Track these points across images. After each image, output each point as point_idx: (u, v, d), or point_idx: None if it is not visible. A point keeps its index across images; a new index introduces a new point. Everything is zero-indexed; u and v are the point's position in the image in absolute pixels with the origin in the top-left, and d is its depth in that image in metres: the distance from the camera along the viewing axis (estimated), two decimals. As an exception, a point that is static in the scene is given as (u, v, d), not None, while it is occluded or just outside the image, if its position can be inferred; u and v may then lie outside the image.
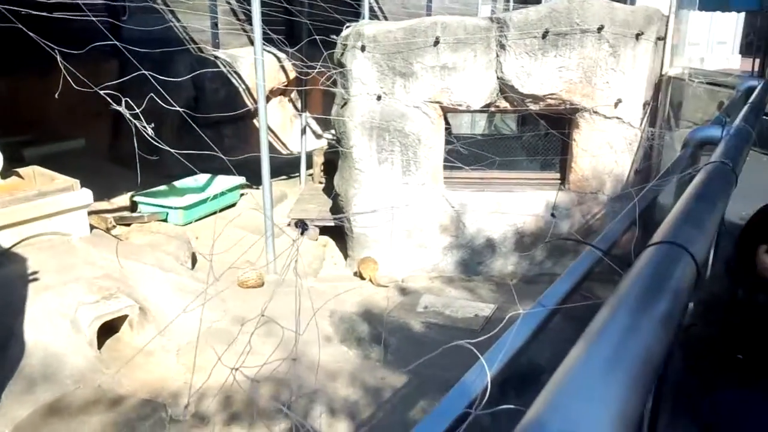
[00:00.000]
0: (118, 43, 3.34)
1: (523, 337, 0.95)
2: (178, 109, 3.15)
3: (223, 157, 3.18)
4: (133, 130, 2.78)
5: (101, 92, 2.70)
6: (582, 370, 0.69)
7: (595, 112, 5.49)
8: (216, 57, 8.93)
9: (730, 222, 6.96)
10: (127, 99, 2.73)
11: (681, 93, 5.45)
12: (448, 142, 5.83)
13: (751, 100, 3.28)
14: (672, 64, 5.83)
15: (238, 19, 10.03)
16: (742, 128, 2.33)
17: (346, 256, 6.21)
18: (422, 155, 5.68)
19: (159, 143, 2.84)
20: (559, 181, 5.98)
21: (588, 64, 5.36)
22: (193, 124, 3.81)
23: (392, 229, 5.78)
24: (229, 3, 9.85)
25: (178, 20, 8.61)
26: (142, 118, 2.73)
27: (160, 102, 3.39)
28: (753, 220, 2.40)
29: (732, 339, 2.10)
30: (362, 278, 5.65)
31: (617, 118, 5.48)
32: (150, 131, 2.75)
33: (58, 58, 2.86)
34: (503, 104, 5.65)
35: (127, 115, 2.68)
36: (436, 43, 5.39)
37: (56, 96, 3.20)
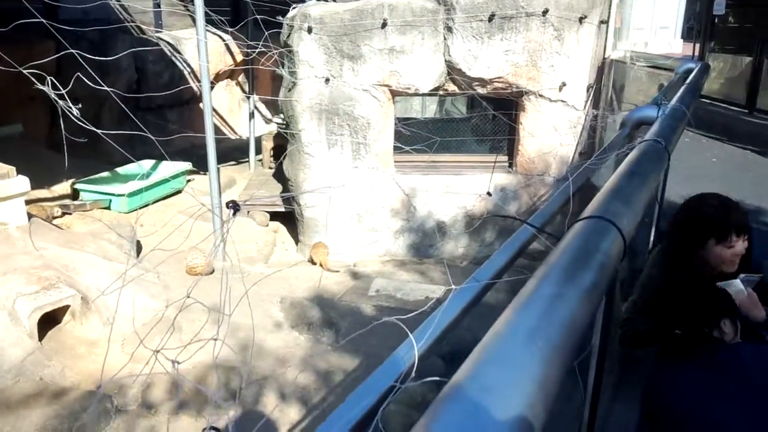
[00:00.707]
0: (46, 21, 3.18)
1: (455, 311, 0.96)
2: (107, 89, 3.02)
3: (154, 138, 3.05)
4: (60, 111, 2.67)
5: (26, 72, 2.58)
6: (504, 338, 0.70)
7: (541, 96, 5.58)
8: (159, 39, 8.67)
9: (674, 202, 7.19)
10: (51, 78, 2.62)
11: (623, 76, 5.60)
12: (398, 126, 5.83)
13: (687, 81, 3.39)
14: (615, 48, 5.97)
15: (181, 0, 9.75)
16: (677, 109, 2.41)
17: (297, 241, 6.17)
18: (372, 139, 5.67)
19: (86, 125, 2.74)
20: (507, 164, 6.07)
21: (533, 47, 5.43)
22: (126, 109, 3.66)
23: (342, 212, 5.77)
24: (171, -17, 9.56)
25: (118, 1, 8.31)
26: (67, 98, 2.62)
27: (92, 84, 3.26)
28: (693, 212, 2.38)
29: (670, 316, 2.17)
30: (314, 263, 5.62)
31: (562, 101, 5.58)
32: (76, 112, 2.64)
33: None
34: (451, 87, 5.68)
35: (53, 96, 2.57)
36: (384, 25, 5.37)
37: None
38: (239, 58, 9.37)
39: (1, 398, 3.52)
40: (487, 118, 6.22)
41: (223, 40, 8.84)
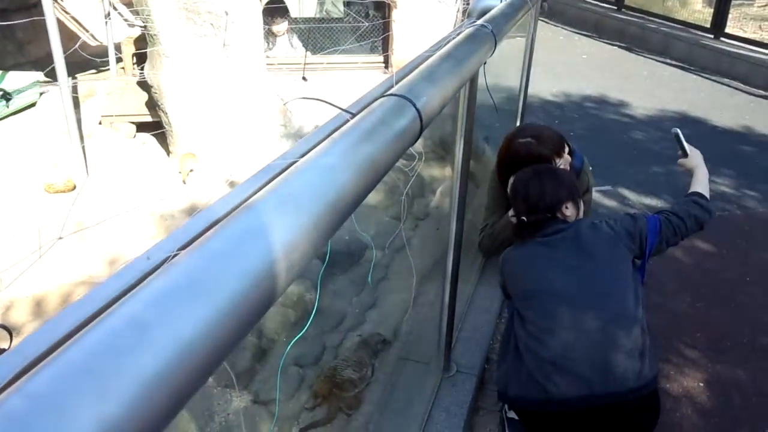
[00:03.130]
0: None
1: (255, 185, 0.97)
2: None
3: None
4: None
5: None
6: (258, 204, 0.71)
7: (411, -9, 5.49)
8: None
9: (540, 97, 7.49)
10: None
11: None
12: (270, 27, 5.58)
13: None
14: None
15: None
16: (518, -4, 2.45)
17: (168, 153, 5.91)
18: (239, 39, 5.39)
19: None
20: (383, 64, 6.02)
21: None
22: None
23: (213, 120, 5.55)
24: None
25: None
26: None
27: None
28: (513, 153, 2.73)
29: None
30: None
31: (433, -4, 5.54)
32: None
33: None
34: (320, -17, 5.45)
35: None
36: None
37: None
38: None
39: None
40: (363, 17, 6.07)
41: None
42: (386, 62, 5.96)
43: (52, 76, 6.45)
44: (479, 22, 1.80)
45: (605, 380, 1.85)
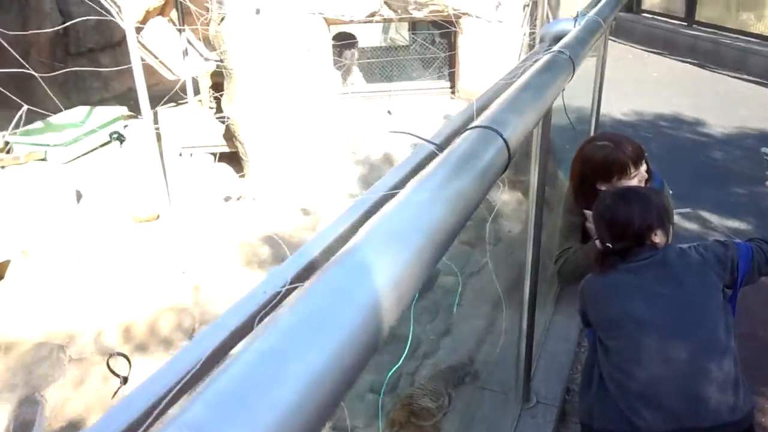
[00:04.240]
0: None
1: (347, 222, 1.01)
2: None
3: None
4: None
5: None
6: (365, 240, 0.74)
7: (477, 17, 5.53)
8: (81, -22, 8.18)
9: (611, 117, 7.34)
10: None
11: (557, -8, 5.56)
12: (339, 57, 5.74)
13: (610, -7, 3.40)
14: (548, -37, 5.90)
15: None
16: (593, 20, 2.43)
17: (244, 180, 6.12)
18: (311, 69, 5.57)
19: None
20: (450, 89, 6.07)
21: (468, -34, 5.35)
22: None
23: (287, 148, 5.72)
24: None
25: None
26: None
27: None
28: (589, 160, 2.58)
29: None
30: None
31: (498, 21, 5.55)
32: None
33: None
34: (387, 13, 5.57)
35: None
36: (313, -50, 5.19)
37: None
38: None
39: (-51, 357, 3.51)
40: (428, 43, 6.16)
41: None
42: (453, 88, 6.00)
43: (134, 109, 6.86)
44: (556, 48, 1.81)
45: (696, 414, 1.77)
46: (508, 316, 3.22)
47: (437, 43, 6.13)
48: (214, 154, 6.34)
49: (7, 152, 5.83)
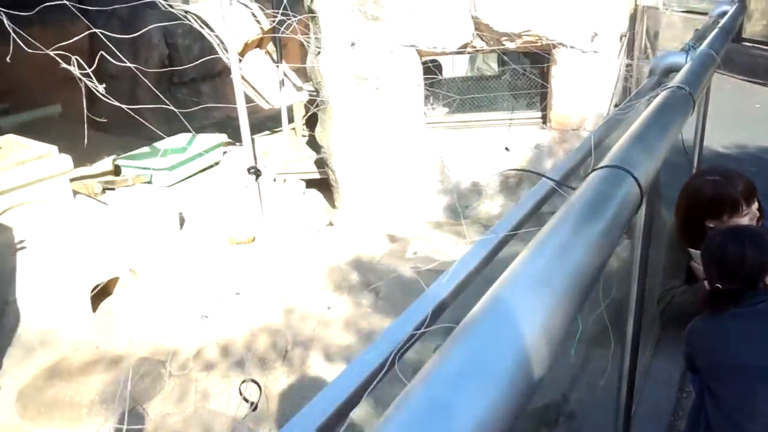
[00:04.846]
0: (69, 3, 3.27)
1: (472, 263, 1.00)
2: (128, 64, 3.10)
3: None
4: (83, 89, 2.77)
5: (52, 54, 2.67)
6: (510, 286, 0.74)
7: (572, 47, 5.45)
8: (186, 12, 8.72)
9: (712, 150, 7.02)
10: (77, 57, 2.70)
11: (657, 22, 5.42)
12: (429, 86, 5.81)
13: (720, 24, 3.28)
14: (648, -7, 5.77)
15: (208, -28, 9.75)
16: (706, 53, 2.35)
17: (333, 206, 6.26)
18: (402, 101, 5.65)
19: (110, 100, 2.83)
20: (541, 120, 5.99)
21: (563, -4, 5.30)
22: (152, 86, 3.75)
23: (376, 176, 5.81)
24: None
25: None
26: (93, 77, 2.70)
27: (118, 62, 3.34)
28: (698, 194, 2.42)
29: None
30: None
31: (594, 51, 5.45)
32: (102, 90, 2.73)
33: (6, 22, 2.79)
34: (479, 44, 5.60)
35: (77, 74, 2.66)
36: (408, -16, 5.31)
37: (8, 60, 3.13)
38: (267, 26, 9.36)
39: (62, 367, 3.75)
40: (519, 73, 6.13)
41: (250, 9, 8.84)
42: (545, 118, 5.92)
43: (231, 137, 7.18)
44: (674, 83, 1.75)
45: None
46: (608, 356, 3.10)
47: (528, 72, 6.08)
48: (306, 181, 6.53)
49: (116, 175, 6.24)
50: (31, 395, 3.57)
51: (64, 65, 2.67)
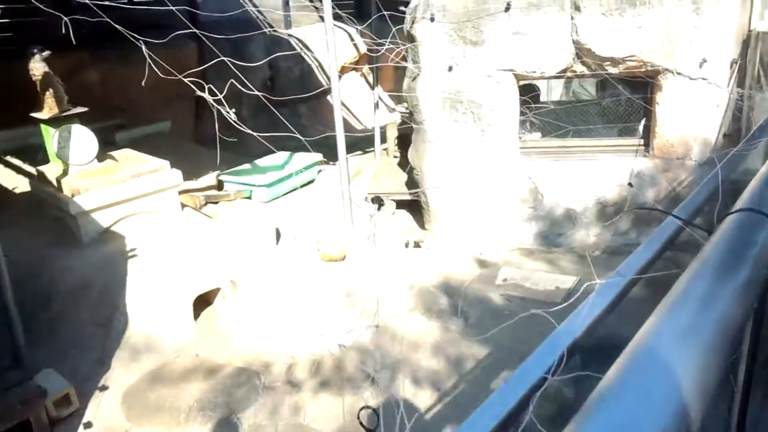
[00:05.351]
0: (199, 32, 3.50)
1: (600, 306, 0.98)
2: (258, 92, 3.29)
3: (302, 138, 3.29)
4: (215, 114, 2.94)
5: (186, 80, 2.86)
6: (658, 338, 0.72)
7: (678, 74, 5.24)
8: (289, 36, 9.11)
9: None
10: (211, 86, 2.89)
11: (774, 48, 5.12)
12: (523, 111, 5.75)
13: None
14: (763, 18, 5.46)
15: (309, -3, 10.18)
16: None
17: (423, 228, 6.28)
18: (496, 125, 5.62)
19: (242, 127, 3.00)
20: (642, 147, 5.77)
21: (669, 22, 5.11)
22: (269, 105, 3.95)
23: (467, 199, 5.79)
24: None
25: (252, 3, 8.84)
26: (225, 103, 2.88)
27: (239, 86, 3.55)
28: None
29: None
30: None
31: (702, 78, 5.21)
32: (233, 116, 2.90)
33: (144, 49, 3.03)
34: (580, 69, 5.49)
35: (211, 101, 2.83)
36: (507, 8, 5.29)
37: (142, 82, 3.39)
38: (363, 50, 9.62)
39: (164, 372, 3.95)
40: (619, 100, 5.95)
41: (348, 34, 9.11)
42: (647, 146, 5.70)
43: (326, 156, 7.38)
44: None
45: None
46: (713, 405, 2.92)
47: (631, 98, 5.89)
48: (397, 201, 6.60)
49: (219, 189, 6.56)
50: (135, 397, 3.78)
51: (199, 93, 2.86)
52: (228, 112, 2.94)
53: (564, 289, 4.81)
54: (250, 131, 3.16)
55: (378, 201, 4.80)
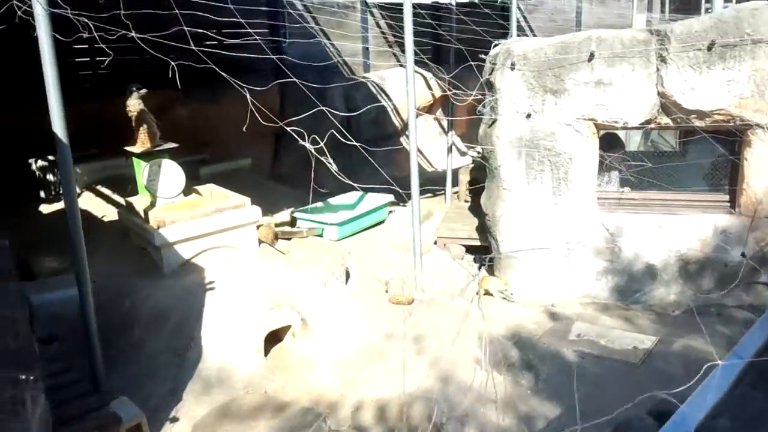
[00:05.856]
0: (291, 75, 3.66)
1: (721, 390, 0.93)
2: (357, 143, 3.43)
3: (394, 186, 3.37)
4: (313, 162, 3.03)
5: (284, 125, 2.97)
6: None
7: (770, 129, 5.03)
8: (365, 78, 9.33)
9: None
10: (315, 136, 2.99)
11: None
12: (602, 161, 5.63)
13: None
14: None
15: (387, 41, 10.43)
16: None
17: (492, 275, 6.19)
18: (574, 174, 5.52)
19: (341, 177, 3.08)
20: (728, 204, 5.53)
21: (761, 76, 4.94)
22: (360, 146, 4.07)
23: (541, 250, 5.68)
24: (379, 27, 10.27)
25: (333, 46, 9.15)
26: (326, 152, 2.98)
27: (336, 133, 3.66)
28: None
29: None
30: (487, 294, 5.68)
31: (796, 134, 4.98)
32: (335, 168, 2.99)
33: (247, 96, 3.17)
34: (664, 120, 5.35)
35: (311, 150, 2.93)
36: (591, 58, 5.25)
37: (235, 121, 3.55)
38: (437, 93, 9.74)
39: (234, 407, 4.00)
40: (704, 152, 5.74)
41: (424, 78, 9.25)
42: (733, 202, 5.46)
43: (396, 198, 7.43)
44: None
45: None
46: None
47: (713, 152, 5.68)
48: (466, 247, 6.54)
49: (293, 225, 6.69)
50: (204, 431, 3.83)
51: (302, 142, 2.97)
52: (330, 163, 3.04)
53: (642, 350, 4.59)
54: (347, 180, 3.25)
55: (480, 261, 4.84)
